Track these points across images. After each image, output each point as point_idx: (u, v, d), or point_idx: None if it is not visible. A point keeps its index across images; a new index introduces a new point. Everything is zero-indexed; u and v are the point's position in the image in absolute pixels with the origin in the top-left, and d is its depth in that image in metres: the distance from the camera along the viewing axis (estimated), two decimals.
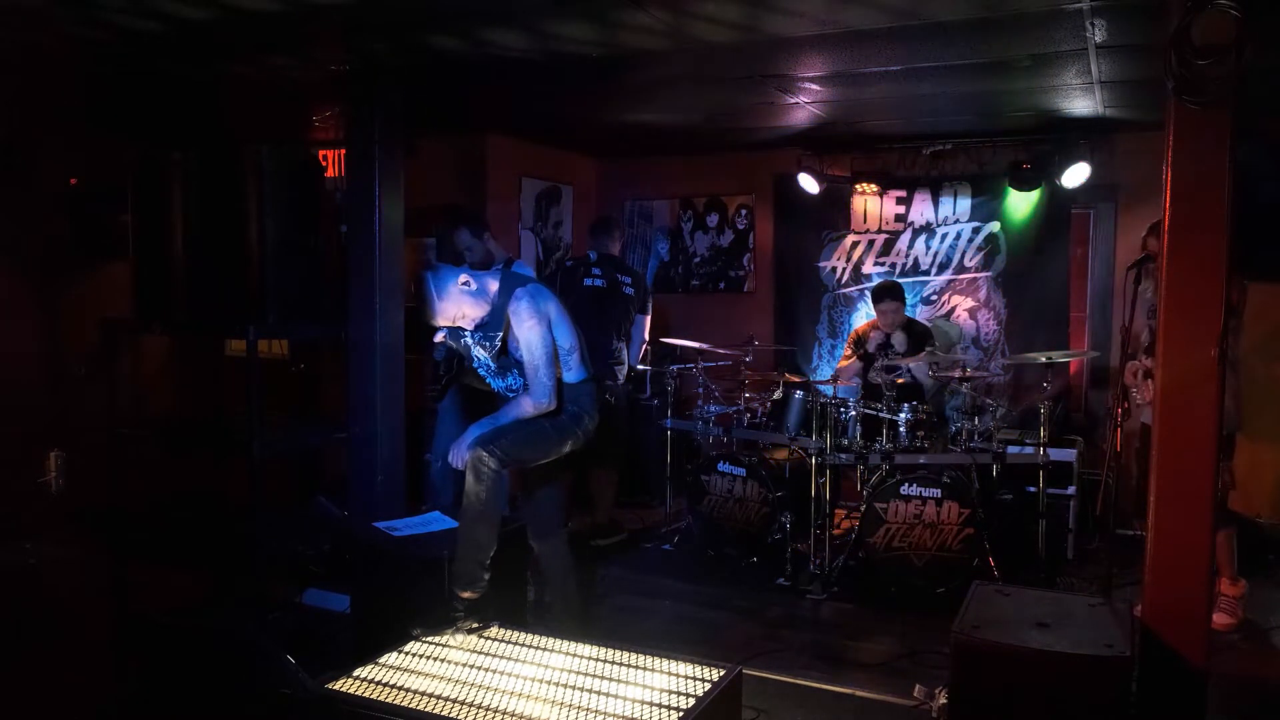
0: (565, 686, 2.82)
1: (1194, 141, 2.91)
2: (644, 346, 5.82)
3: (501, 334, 3.48)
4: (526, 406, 3.43)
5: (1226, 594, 4.24)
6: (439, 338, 3.64)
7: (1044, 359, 4.81)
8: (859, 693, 3.58)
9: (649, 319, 5.78)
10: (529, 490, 3.78)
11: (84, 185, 6.05)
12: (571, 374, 3.55)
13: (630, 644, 3.14)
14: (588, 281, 5.50)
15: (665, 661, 2.99)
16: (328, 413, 6.17)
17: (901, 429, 4.79)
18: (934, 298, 6.43)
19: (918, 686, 3.40)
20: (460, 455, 3.38)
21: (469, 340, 3.56)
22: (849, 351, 5.76)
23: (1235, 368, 4.06)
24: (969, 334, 6.34)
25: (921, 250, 6.48)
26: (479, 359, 3.59)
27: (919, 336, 5.51)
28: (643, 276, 5.99)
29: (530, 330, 3.40)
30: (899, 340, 5.50)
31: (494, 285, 3.48)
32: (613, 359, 5.47)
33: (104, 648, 4.16)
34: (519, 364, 3.49)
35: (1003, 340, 6.26)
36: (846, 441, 4.95)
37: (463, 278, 3.42)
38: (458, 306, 3.41)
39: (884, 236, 6.59)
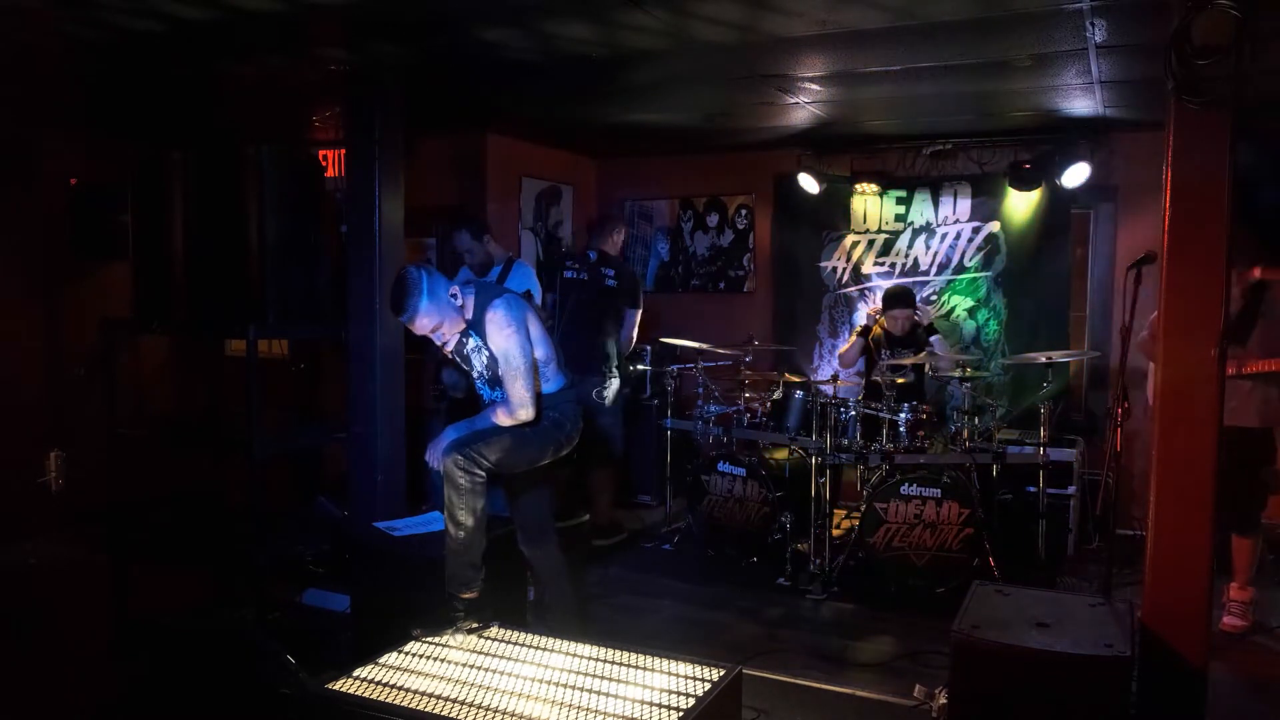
0: (565, 686, 2.82)
1: (1194, 141, 2.91)
2: (631, 342, 5.62)
3: (484, 345, 3.44)
4: (502, 417, 3.38)
5: (1236, 599, 4.24)
6: (449, 348, 3.53)
7: (1044, 359, 4.81)
8: (859, 693, 3.59)
9: (639, 314, 5.57)
10: (514, 497, 3.73)
11: (84, 185, 6.05)
12: (549, 384, 3.53)
13: (630, 644, 3.13)
14: (568, 274, 5.44)
15: (665, 661, 2.98)
16: (328, 413, 6.17)
17: (901, 429, 4.79)
18: (934, 298, 6.43)
19: (918, 686, 3.40)
20: (436, 457, 3.35)
21: (469, 351, 3.52)
22: (853, 337, 5.78)
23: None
24: (969, 334, 6.33)
25: (921, 250, 6.47)
26: (478, 368, 3.55)
27: (922, 339, 5.51)
28: (633, 271, 5.85)
29: (508, 339, 3.34)
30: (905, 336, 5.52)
31: (470, 304, 3.42)
32: (593, 354, 5.31)
33: (104, 648, 4.16)
34: (498, 377, 3.43)
35: (1003, 340, 6.26)
36: (846, 441, 4.94)
37: (454, 289, 3.37)
38: (441, 317, 3.33)
39: (884, 236, 6.59)
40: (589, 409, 3.72)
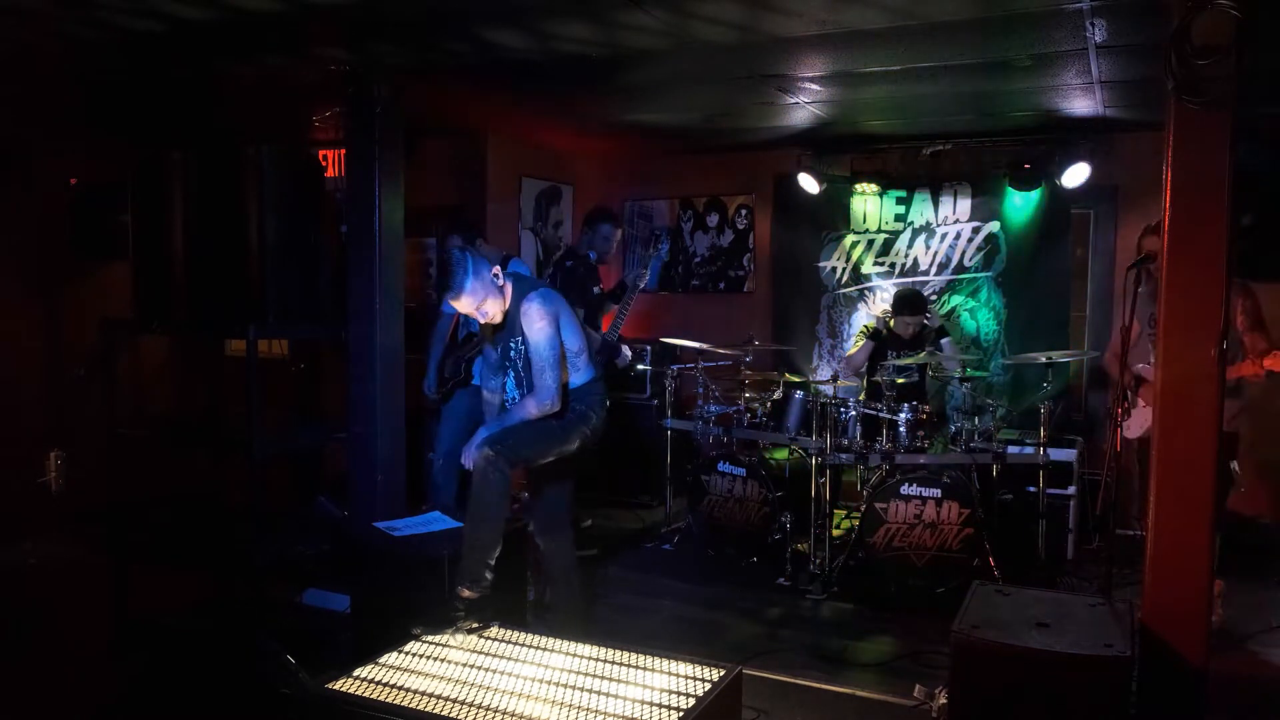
0: (565, 686, 2.82)
1: (1194, 141, 2.91)
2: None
3: (522, 339, 3.52)
4: (531, 408, 3.47)
5: None
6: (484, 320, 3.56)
7: (1044, 359, 4.81)
8: (859, 693, 3.58)
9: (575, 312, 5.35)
10: (537, 487, 3.80)
11: (84, 185, 6.05)
12: (579, 375, 3.62)
13: (630, 644, 3.14)
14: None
15: (665, 661, 2.99)
16: (328, 413, 6.17)
17: (901, 429, 4.79)
18: (934, 298, 6.42)
19: (918, 686, 3.40)
20: (470, 456, 3.42)
21: (508, 348, 3.60)
22: (861, 340, 5.74)
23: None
24: (969, 334, 6.33)
25: (921, 250, 6.47)
26: (510, 375, 3.63)
27: (930, 340, 5.52)
28: (569, 268, 5.38)
29: (540, 332, 3.45)
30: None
31: (510, 288, 3.53)
32: None
33: (104, 648, 4.16)
34: (530, 366, 3.52)
35: (1003, 340, 6.26)
36: (846, 441, 4.94)
37: (495, 269, 3.48)
38: (485, 294, 3.44)
39: (884, 236, 6.59)
40: None
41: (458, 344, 5.17)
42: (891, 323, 5.60)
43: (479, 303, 3.46)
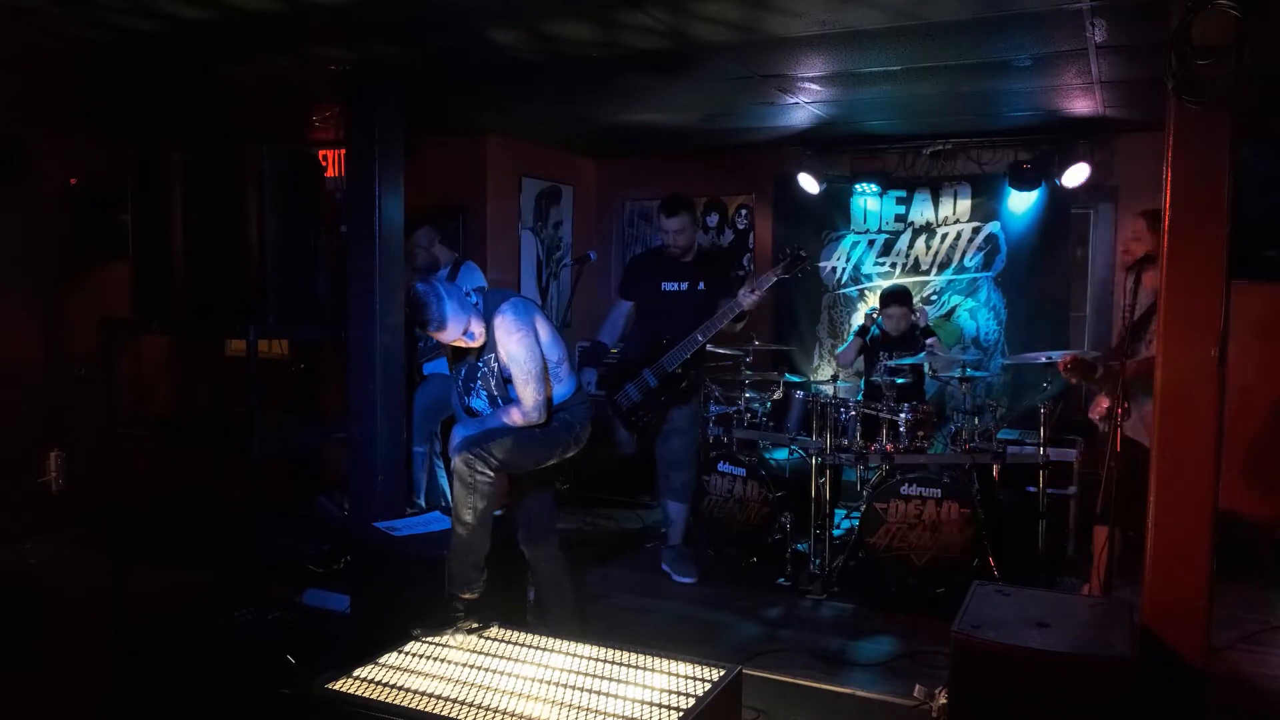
0: (565, 686, 2.82)
1: (1194, 141, 2.91)
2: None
3: (494, 356, 3.43)
4: (515, 417, 3.38)
5: None
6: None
7: (1044, 359, 4.81)
8: (859, 693, 3.58)
9: (619, 305, 5.23)
10: (519, 496, 3.75)
11: (84, 185, 6.05)
12: (561, 386, 3.54)
13: (630, 644, 3.14)
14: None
15: (665, 661, 2.99)
16: (328, 413, 6.17)
17: (901, 429, 4.79)
18: (934, 298, 6.43)
19: (918, 686, 3.40)
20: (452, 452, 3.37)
21: (478, 373, 3.50)
22: (854, 338, 5.76)
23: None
24: (969, 334, 6.34)
25: (921, 250, 6.48)
26: (489, 389, 3.51)
27: (919, 339, 5.52)
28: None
29: (518, 343, 3.34)
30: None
31: (479, 306, 3.43)
32: None
33: (104, 648, 4.16)
34: (509, 380, 3.42)
35: (1003, 340, 6.26)
36: (846, 441, 4.94)
37: (467, 290, 3.41)
38: (467, 316, 3.35)
39: (884, 236, 6.59)
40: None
41: None
42: (879, 319, 5.62)
43: (464, 327, 3.34)
